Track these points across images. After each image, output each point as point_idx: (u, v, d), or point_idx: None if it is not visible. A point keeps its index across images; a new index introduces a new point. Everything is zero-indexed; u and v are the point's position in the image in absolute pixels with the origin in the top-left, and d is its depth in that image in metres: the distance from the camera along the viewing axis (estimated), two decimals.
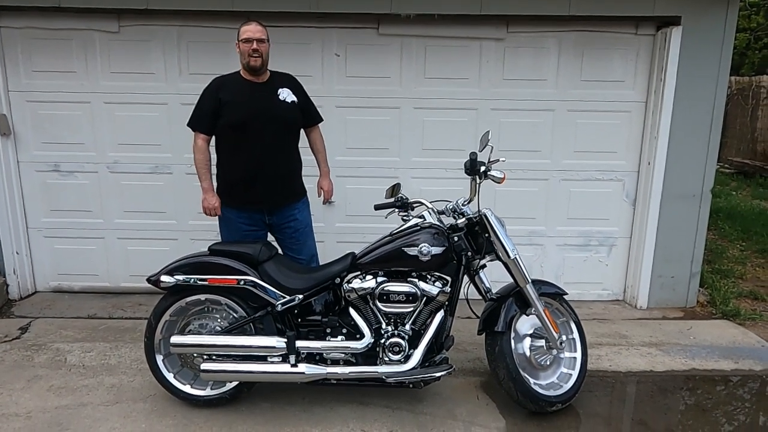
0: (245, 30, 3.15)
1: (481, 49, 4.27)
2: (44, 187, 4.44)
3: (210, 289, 2.88)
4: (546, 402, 2.94)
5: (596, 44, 4.27)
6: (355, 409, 3.02)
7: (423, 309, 2.89)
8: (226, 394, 2.99)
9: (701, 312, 4.49)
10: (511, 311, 2.94)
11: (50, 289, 4.63)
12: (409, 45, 4.26)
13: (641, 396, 3.31)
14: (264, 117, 3.20)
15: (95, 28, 4.18)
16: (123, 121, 4.33)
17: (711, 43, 4.14)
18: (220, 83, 3.26)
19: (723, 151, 10.67)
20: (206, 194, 3.31)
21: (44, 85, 4.27)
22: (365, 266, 2.89)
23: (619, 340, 3.94)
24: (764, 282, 5.21)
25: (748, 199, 8.64)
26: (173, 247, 4.36)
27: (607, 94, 4.34)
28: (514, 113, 4.35)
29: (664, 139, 4.24)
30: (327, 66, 4.28)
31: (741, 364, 3.62)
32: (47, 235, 4.53)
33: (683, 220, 4.39)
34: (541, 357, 3.03)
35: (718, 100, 4.23)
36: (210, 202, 3.30)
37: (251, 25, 3.16)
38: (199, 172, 3.30)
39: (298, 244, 3.46)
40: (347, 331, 2.92)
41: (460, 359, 3.52)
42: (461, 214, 2.97)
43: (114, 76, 4.26)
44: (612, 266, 4.63)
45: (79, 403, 3.04)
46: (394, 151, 4.41)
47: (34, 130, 4.35)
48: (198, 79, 3.56)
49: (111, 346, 3.69)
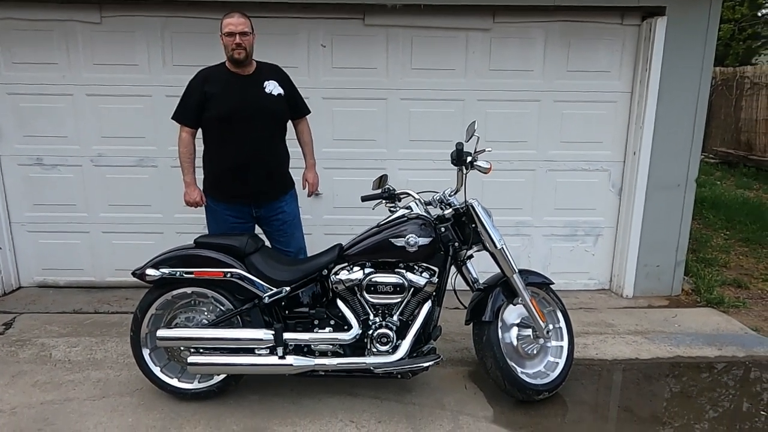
0: (227, 23, 3.09)
1: (467, 40, 4.27)
2: (27, 181, 4.38)
3: (196, 282, 2.86)
4: (533, 390, 2.97)
5: (582, 35, 4.28)
6: (344, 400, 3.03)
7: (410, 300, 2.90)
8: (213, 387, 2.98)
9: (686, 300, 4.55)
10: (498, 301, 2.96)
11: (35, 284, 4.58)
12: (396, 36, 4.24)
13: (627, 383, 3.35)
14: (250, 110, 3.17)
15: (77, 18, 4.11)
16: (106, 113, 4.27)
17: (695, 34, 4.16)
18: (205, 75, 3.22)
19: (707, 142, 10.79)
20: (188, 188, 3.29)
21: (25, 77, 4.20)
22: (352, 258, 2.89)
23: (605, 328, 3.98)
24: (747, 270, 5.29)
25: (732, 189, 8.75)
26: (159, 240, 4.32)
27: (592, 85, 4.36)
28: (500, 104, 4.35)
29: (650, 129, 4.27)
30: (313, 57, 4.25)
31: (724, 351, 3.67)
32: (31, 229, 4.47)
33: (668, 209, 4.43)
34: (528, 346, 3.05)
35: (702, 91, 4.27)
36: (191, 196, 3.29)
37: (233, 18, 3.10)
38: (182, 165, 3.27)
39: (285, 237, 3.45)
40: (335, 323, 2.92)
41: (448, 349, 3.54)
42: (448, 205, 2.98)
43: (96, 67, 4.20)
44: (598, 256, 4.67)
45: (65, 398, 3.02)
46: (381, 142, 4.40)
47: (16, 123, 4.28)
48: (182, 71, 3.53)
49: (97, 341, 3.66)
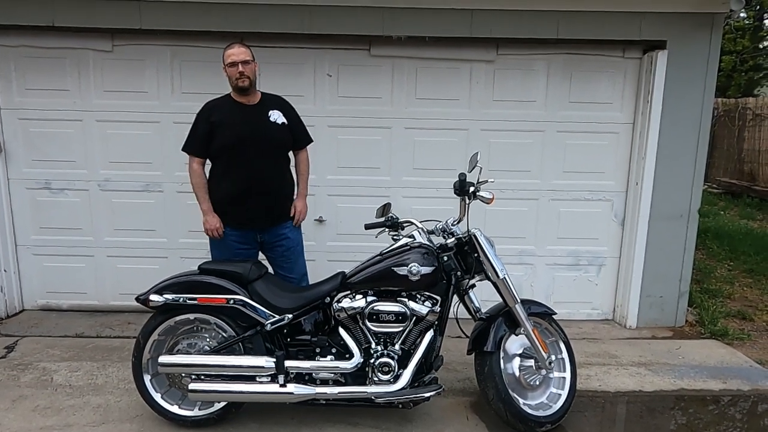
0: (229, 54, 3.20)
1: (471, 71, 4.34)
2: (34, 204, 4.42)
3: (199, 308, 2.87)
4: (535, 422, 2.94)
5: (584, 67, 4.35)
6: (344, 429, 3.00)
7: (413, 328, 2.89)
8: (214, 414, 2.97)
9: (690, 331, 4.51)
10: (500, 331, 2.95)
11: (38, 308, 4.59)
12: (401, 66, 4.31)
13: (631, 416, 3.31)
14: (256, 138, 3.23)
15: (89, 47, 4.21)
16: (115, 139, 4.34)
17: (696, 66, 4.22)
18: (211, 107, 3.31)
19: (711, 172, 10.82)
20: (207, 216, 3.32)
21: (37, 103, 4.28)
22: (355, 286, 2.90)
23: (608, 359, 3.95)
24: (752, 302, 5.25)
25: (736, 219, 8.73)
26: (163, 265, 4.35)
27: (595, 116, 4.41)
28: (503, 134, 4.40)
29: (652, 159, 4.31)
30: (319, 86, 4.32)
31: (729, 384, 3.63)
32: (36, 252, 4.50)
33: (671, 239, 4.43)
34: (530, 377, 3.03)
35: (704, 122, 4.31)
36: (212, 224, 3.31)
37: (234, 48, 3.22)
38: (197, 195, 3.33)
39: (288, 263, 3.47)
40: (336, 351, 2.91)
41: (450, 379, 3.51)
42: (451, 234, 2.99)
43: (107, 94, 4.28)
44: (601, 286, 4.66)
45: (65, 424, 3.00)
46: (385, 170, 4.44)
47: (26, 147, 4.34)
48: (190, 98, 3.60)
49: (98, 366, 3.65)
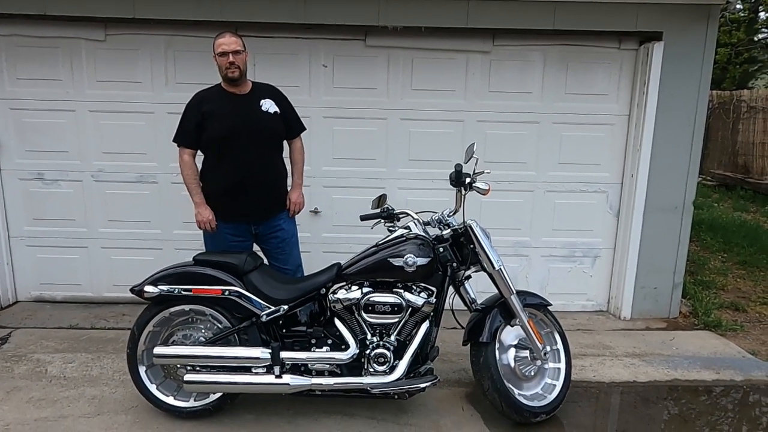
0: (219, 43, 3.15)
1: (467, 62, 4.32)
2: (27, 195, 4.39)
3: (194, 299, 2.87)
4: (530, 413, 2.95)
5: (580, 58, 4.33)
6: (340, 420, 3.01)
7: (408, 320, 2.90)
8: (209, 405, 2.96)
9: (684, 323, 4.54)
10: (495, 322, 2.96)
11: (32, 299, 4.57)
12: (396, 57, 4.29)
13: (625, 407, 3.34)
14: (247, 128, 3.20)
15: (82, 36, 4.16)
16: (108, 129, 4.30)
17: (692, 58, 4.22)
18: (201, 97, 3.27)
19: (705, 164, 10.85)
20: (199, 208, 3.29)
21: (29, 93, 4.24)
22: (351, 277, 2.90)
23: (602, 350, 3.97)
24: (745, 293, 5.29)
25: (730, 211, 8.78)
26: (158, 256, 4.33)
27: (591, 107, 4.40)
28: (499, 125, 4.39)
29: (647, 151, 4.31)
30: (314, 77, 4.29)
31: (722, 375, 3.66)
32: (30, 244, 4.47)
33: (666, 231, 4.44)
34: (525, 367, 3.04)
35: (699, 114, 4.31)
36: (204, 216, 3.27)
37: (225, 38, 3.16)
38: (189, 187, 3.29)
39: (283, 255, 3.45)
40: (332, 342, 2.91)
41: (445, 370, 3.52)
42: (447, 225, 2.99)
43: (100, 84, 4.24)
44: (596, 277, 4.68)
45: (60, 415, 3.00)
46: (381, 161, 4.42)
47: (18, 138, 4.30)
48: (185, 89, 3.56)
49: (93, 357, 3.64)
